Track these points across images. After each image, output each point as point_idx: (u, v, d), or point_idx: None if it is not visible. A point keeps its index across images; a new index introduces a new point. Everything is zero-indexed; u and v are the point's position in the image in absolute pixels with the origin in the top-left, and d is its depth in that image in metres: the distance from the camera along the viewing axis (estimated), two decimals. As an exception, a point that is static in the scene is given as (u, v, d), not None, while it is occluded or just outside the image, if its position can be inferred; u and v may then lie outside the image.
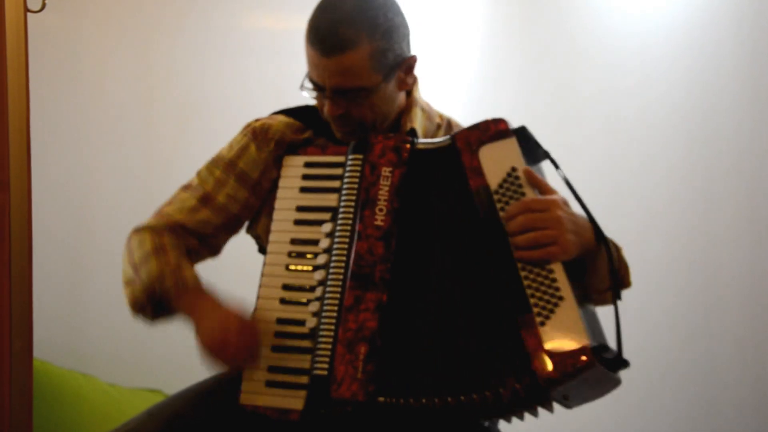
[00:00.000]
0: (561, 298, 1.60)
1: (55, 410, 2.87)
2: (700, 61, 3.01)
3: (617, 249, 1.78)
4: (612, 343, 1.64)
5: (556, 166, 1.74)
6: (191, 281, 1.81)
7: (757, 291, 2.78)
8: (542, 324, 1.59)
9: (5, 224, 1.78)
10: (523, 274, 1.63)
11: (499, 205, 1.67)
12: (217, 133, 2.16)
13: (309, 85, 1.84)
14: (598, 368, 1.57)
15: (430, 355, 1.66)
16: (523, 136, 1.72)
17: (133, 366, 3.35)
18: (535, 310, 1.60)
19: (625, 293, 1.81)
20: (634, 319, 3.05)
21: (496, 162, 1.68)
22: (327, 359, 1.66)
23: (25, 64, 1.89)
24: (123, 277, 1.86)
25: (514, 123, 1.75)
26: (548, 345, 1.58)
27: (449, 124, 2.00)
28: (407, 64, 1.86)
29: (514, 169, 1.68)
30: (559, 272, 1.62)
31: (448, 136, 1.75)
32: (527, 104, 3.58)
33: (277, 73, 3.47)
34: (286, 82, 2.17)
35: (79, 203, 3.38)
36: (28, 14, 1.88)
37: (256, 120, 1.95)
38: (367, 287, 1.68)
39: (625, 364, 1.62)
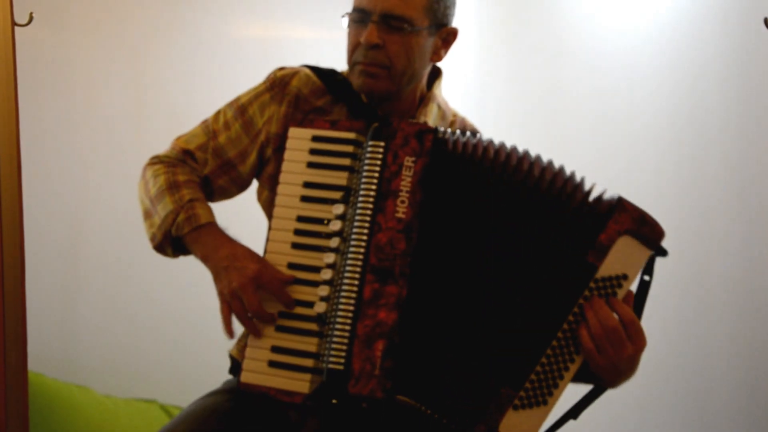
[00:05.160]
0: (545, 402, 1.60)
1: (51, 422, 2.86)
2: (687, 58, 3.02)
3: None
4: None
5: (650, 276, 1.67)
6: (204, 218, 1.83)
7: (747, 289, 2.78)
8: (515, 408, 1.60)
9: (-3, 237, 1.78)
10: (549, 351, 1.61)
11: (585, 291, 1.60)
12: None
13: (350, 17, 1.85)
14: None
15: (445, 354, 1.65)
16: (655, 257, 1.63)
17: (127, 377, 3.35)
18: (522, 393, 1.60)
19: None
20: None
21: (621, 257, 1.60)
22: (343, 353, 1.64)
23: (13, 78, 1.89)
24: (141, 208, 1.91)
25: (503, 122, 1.75)
26: (503, 426, 1.59)
27: (463, 122, 2.01)
28: (449, 31, 1.90)
29: (624, 276, 1.60)
30: (569, 375, 1.61)
31: (617, 197, 1.63)
32: (517, 99, 3.60)
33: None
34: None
35: (71, 215, 3.37)
36: (16, 28, 1.88)
37: (281, 68, 1.95)
38: (386, 281, 1.65)
39: None
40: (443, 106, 1.99)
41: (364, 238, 1.67)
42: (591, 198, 1.64)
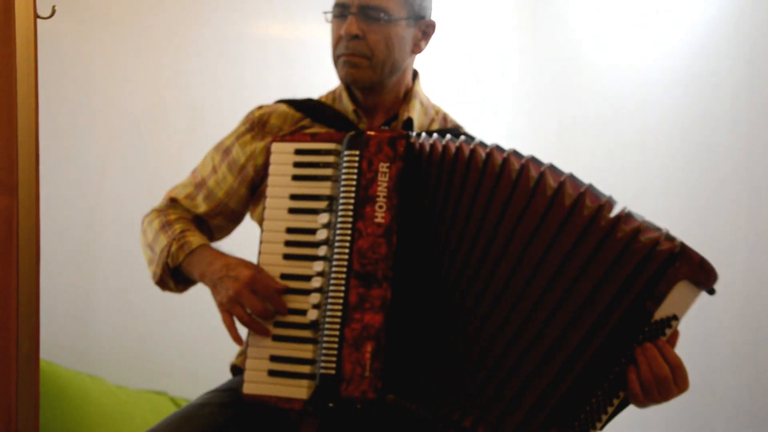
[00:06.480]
0: (594, 427, 1.59)
1: (62, 411, 2.88)
2: (698, 65, 3.02)
3: None
4: None
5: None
6: (195, 243, 1.88)
7: (753, 296, 2.78)
8: None
9: (13, 228, 1.79)
10: (599, 392, 1.59)
11: (639, 336, 1.57)
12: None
13: (332, 12, 1.94)
14: None
15: (434, 352, 1.67)
16: (702, 293, 1.60)
17: (139, 368, 3.37)
18: (570, 431, 1.59)
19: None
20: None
21: (674, 301, 1.57)
22: (334, 358, 1.67)
23: (34, 70, 1.90)
24: (145, 259, 1.99)
25: (517, 124, 1.75)
26: None
27: (444, 118, 2.05)
28: (427, 24, 1.98)
29: (675, 317, 1.58)
30: (612, 409, 1.60)
31: (679, 243, 1.57)
32: (528, 101, 3.59)
33: (287, 81, 3.49)
34: (296, 89, 2.19)
35: (86, 207, 3.40)
36: (38, 20, 1.90)
37: (259, 107, 2.03)
38: (370, 285, 1.68)
39: None
40: (425, 102, 2.04)
41: (347, 245, 1.71)
42: (644, 237, 1.57)
